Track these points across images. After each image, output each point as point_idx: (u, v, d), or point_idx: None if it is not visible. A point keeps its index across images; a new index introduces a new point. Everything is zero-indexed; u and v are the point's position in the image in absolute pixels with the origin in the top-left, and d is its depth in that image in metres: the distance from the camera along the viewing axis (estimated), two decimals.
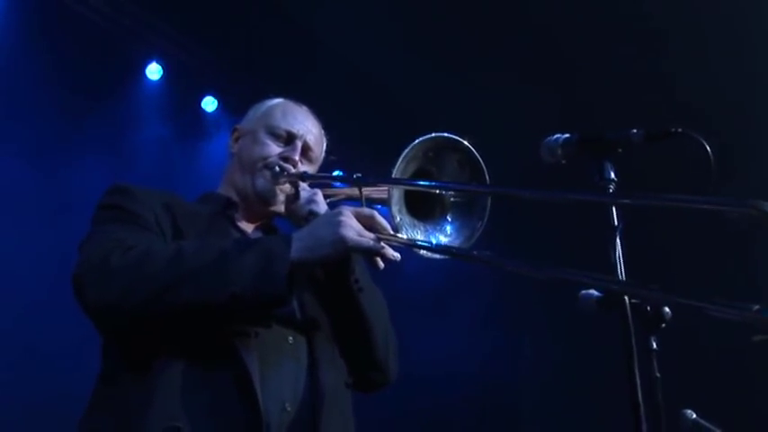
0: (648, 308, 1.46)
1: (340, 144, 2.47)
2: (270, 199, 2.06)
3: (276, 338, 1.75)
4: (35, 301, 4.07)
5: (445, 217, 1.83)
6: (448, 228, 1.80)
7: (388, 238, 1.67)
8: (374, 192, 1.92)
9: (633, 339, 1.44)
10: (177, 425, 1.52)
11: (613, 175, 1.59)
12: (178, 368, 1.60)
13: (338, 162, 2.50)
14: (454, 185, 1.80)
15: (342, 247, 1.62)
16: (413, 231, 1.73)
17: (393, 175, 1.68)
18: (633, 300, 1.46)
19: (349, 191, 2.08)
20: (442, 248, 1.71)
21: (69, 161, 4.62)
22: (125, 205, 1.79)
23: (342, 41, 5.57)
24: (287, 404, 1.69)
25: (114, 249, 1.60)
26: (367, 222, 1.68)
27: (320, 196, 1.97)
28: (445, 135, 1.75)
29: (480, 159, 1.79)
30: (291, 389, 1.72)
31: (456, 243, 1.77)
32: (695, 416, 3.01)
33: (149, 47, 5.32)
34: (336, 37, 5.54)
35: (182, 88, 5.49)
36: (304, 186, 2.03)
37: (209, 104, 5.67)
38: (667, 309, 1.45)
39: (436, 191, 1.82)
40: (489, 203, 1.80)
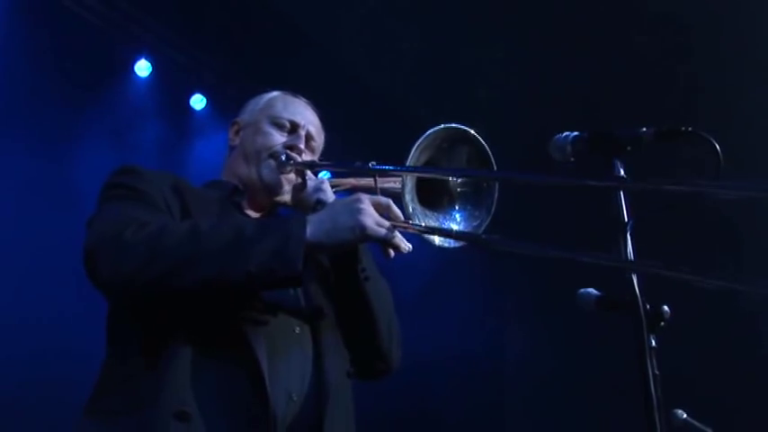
0: (648, 306, 1.46)
1: (329, 141, 2.47)
2: (276, 188, 2.06)
3: (283, 328, 1.75)
4: (37, 288, 4.06)
5: (454, 206, 1.84)
6: (457, 216, 1.81)
7: (405, 227, 1.67)
8: (383, 182, 1.92)
9: (646, 338, 1.38)
10: (187, 410, 1.52)
11: (623, 173, 1.57)
12: (188, 353, 1.59)
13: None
14: (472, 172, 1.80)
15: (360, 235, 1.60)
16: (425, 220, 1.73)
17: (407, 164, 1.68)
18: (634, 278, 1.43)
19: (354, 181, 2.08)
20: (459, 234, 1.72)
21: (58, 157, 4.56)
22: (135, 185, 1.78)
23: (331, 39, 5.58)
24: (293, 394, 1.68)
25: (130, 224, 1.58)
26: (383, 211, 1.67)
27: (327, 185, 1.98)
28: (459, 126, 1.76)
29: (490, 154, 1.80)
30: (298, 379, 1.71)
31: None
32: (686, 416, 3.05)
33: (139, 43, 5.28)
34: (326, 35, 5.55)
35: (171, 86, 5.46)
36: (310, 175, 2.03)
37: (197, 102, 5.64)
38: (666, 307, 1.45)
39: (448, 179, 1.83)
40: (497, 194, 1.81)
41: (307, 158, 2.11)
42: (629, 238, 1.51)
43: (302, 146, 2.09)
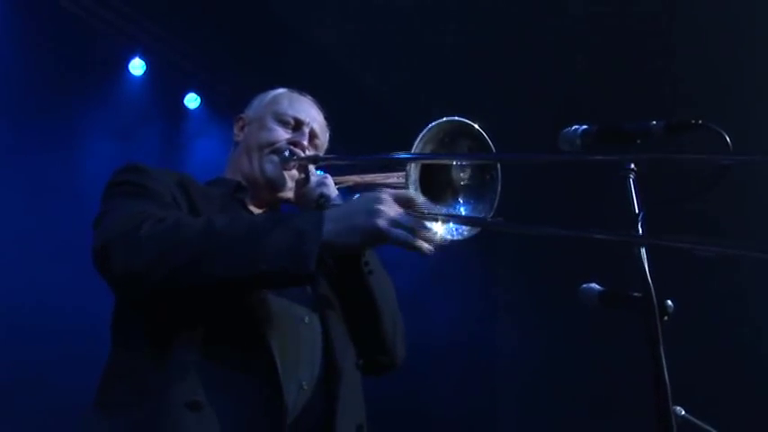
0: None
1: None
2: (279, 184, 2.06)
3: (294, 317, 1.74)
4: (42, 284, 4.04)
5: (457, 200, 1.84)
6: (462, 210, 1.82)
7: (427, 216, 1.63)
8: (386, 178, 1.93)
9: (660, 334, 1.37)
10: (198, 399, 1.51)
11: (633, 166, 1.56)
12: (198, 343, 1.58)
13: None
14: (479, 156, 1.81)
15: (374, 238, 1.56)
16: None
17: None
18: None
19: (358, 177, 2.08)
20: (475, 220, 1.73)
21: (52, 156, 4.52)
22: (142, 182, 1.77)
23: (326, 38, 5.57)
24: (304, 383, 1.68)
25: (146, 219, 1.56)
26: (406, 205, 1.60)
27: (330, 180, 1.98)
28: (462, 120, 1.76)
29: (493, 149, 1.80)
30: (308, 368, 1.71)
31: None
32: (684, 412, 3.06)
33: (133, 42, 5.26)
34: (320, 34, 5.55)
35: (165, 84, 5.44)
36: (313, 171, 2.04)
37: (191, 101, 5.62)
38: (670, 302, 1.45)
39: (452, 173, 1.83)
40: (500, 187, 1.81)
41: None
42: (640, 230, 1.50)
43: (305, 142, 2.09)
